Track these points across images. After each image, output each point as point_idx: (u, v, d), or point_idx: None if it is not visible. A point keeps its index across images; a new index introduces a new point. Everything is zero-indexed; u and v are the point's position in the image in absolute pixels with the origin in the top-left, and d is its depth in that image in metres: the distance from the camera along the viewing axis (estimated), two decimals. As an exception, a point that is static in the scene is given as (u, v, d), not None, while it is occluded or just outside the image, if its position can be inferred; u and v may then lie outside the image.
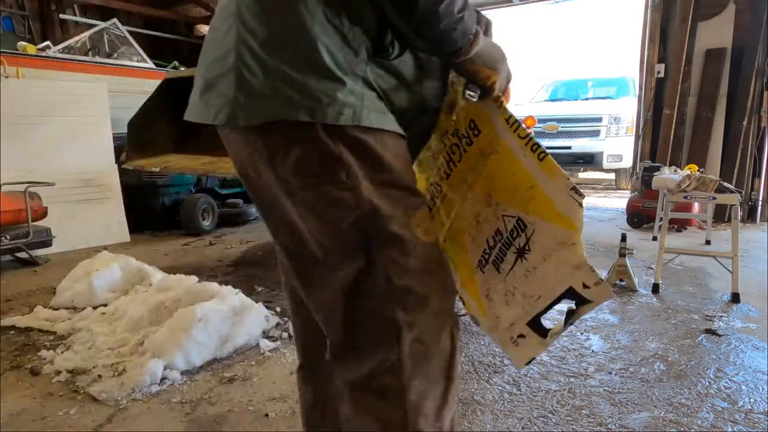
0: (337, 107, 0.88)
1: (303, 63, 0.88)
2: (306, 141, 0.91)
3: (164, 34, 11.79)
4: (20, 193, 4.00)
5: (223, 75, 0.94)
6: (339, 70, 0.89)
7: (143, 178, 5.37)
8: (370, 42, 0.93)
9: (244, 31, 0.92)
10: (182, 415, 1.97)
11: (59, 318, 2.89)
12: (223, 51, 0.95)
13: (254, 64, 0.90)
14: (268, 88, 0.89)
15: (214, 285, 2.83)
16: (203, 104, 1.00)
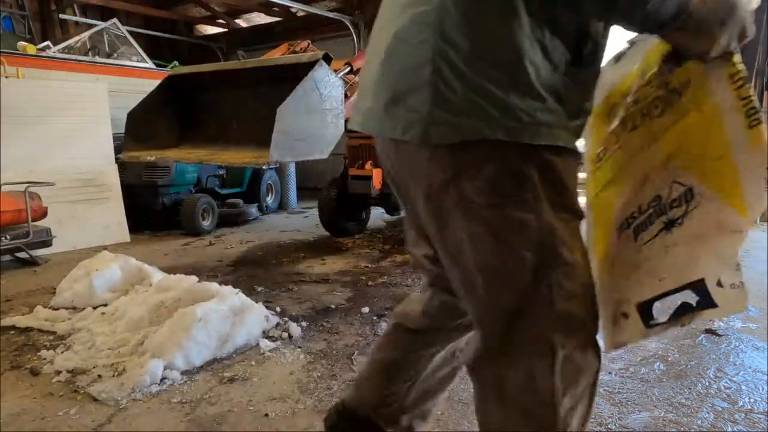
0: (535, 126, 0.86)
1: (507, 78, 0.85)
2: (500, 160, 0.88)
3: (164, 34, 11.79)
4: (20, 193, 4.00)
5: (416, 89, 0.90)
6: (541, 86, 0.86)
7: (143, 178, 5.37)
8: (568, 54, 0.89)
9: (444, 43, 0.87)
10: (182, 415, 1.97)
11: (59, 318, 2.89)
12: (415, 63, 0.91)
13: (453, 78, 0.87)
14: (466, 104, 0.86)
15: (214, 285, 2.83)
16: (389, 117, 0.96)
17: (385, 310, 3.05)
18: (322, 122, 3.02)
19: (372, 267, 4.01)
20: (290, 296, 3.35)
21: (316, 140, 3.00)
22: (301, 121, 2.88)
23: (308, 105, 2.91)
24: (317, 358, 2.44)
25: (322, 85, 2.99)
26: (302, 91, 2.86)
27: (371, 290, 3.45)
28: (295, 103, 2.82)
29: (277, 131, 2.74)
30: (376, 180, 4.37)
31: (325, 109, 3.02)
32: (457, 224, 0.95)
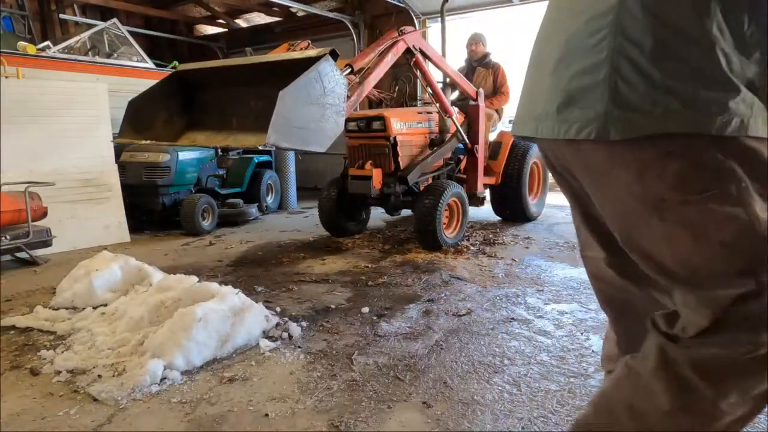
0: (726, 117, 0.82)
1: (693, 71, 0.83)
2: (689, 154, 0.86)
3: (164, 34, 11.79)
4: (20, 193, 4.00)
5: (591, 88, 0.91)
6: (734, 75, 0.83)
7: (143, 178, 5.37)
8: (764, 41, 0.85)
9: (626, 42, 0.88)
10: (182, 415, 1.97)
11: (59, 318, 2.89)
12: (591, 64, 0.91)
13: (634, 75, 0.86)
14: (647, 100, 0.85)
15: (214, 285, 2.83)
16: (561, 120, 0.96)
17: (385, 310, 3.05)
18: (323, 116, 3.01)
19: (372, 267, 4.01)
20: (290, 296, 3.35)
21: (315, 132, 3.00)
22: (302, 110, 2.88)
23: (311, 95, 2.92)
24: (317, 358, 2.44)
25: (327, 79, 2.99)
26: (306, 80, 2.86)
27: (371, 290, 3.45)
28: (298, 90, 2.83)
29: (276, 114, 2.73)
30: (376, 180, 4.35)
31: (326, 103, 3.02)
32: (649, 222, 0.93)
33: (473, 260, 4.18)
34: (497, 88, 5.61)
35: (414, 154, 4.69)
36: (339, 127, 3.16)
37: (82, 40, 6.85)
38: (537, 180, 6.08)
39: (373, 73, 3.75)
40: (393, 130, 4.43)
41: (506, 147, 5.54)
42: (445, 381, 2.20)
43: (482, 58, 5.64)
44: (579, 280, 3.61)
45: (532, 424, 1.87)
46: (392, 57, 3.94)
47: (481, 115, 5.04)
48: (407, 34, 4.01)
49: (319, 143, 3.04)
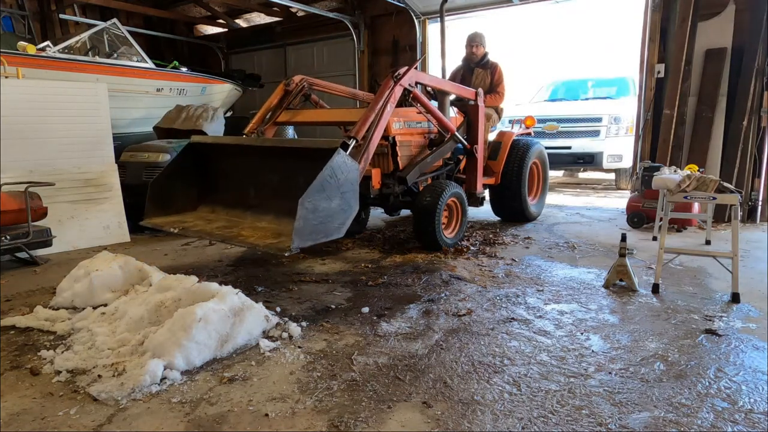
0: None
1: None
2: None
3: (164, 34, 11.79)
4: (20, 193, 4.00)
5: None
6: None
7: (143, 178, 5.37)
8: None
9: None
10: (182, 415, 1.97)
11: (59, 318, 2.89)
12: None
13: None
14: None
15: (214, 285, 2.83)
16: None
17: (385, 310, 3.05)
18: (339, 205, 3.15)
19: (372, 267, 4.01)
20: (290, 296, 3.35)
21: (333, 222, 3.14)
22: (321, 208, 3.03)
23: (327, 192, 3.05)
24: (317, 358, 2.44)
25: (340, 171, 3.13)
26: (322, 179, 3.00)
27: (371, 290, 3.45)
28: (315, 192, 2.97)
29: (299, 220, 2.89)
30: (375, 180, 4.28)
31: (342, 193, 3.15)
32: None
33: (473, 260, 4.17)
34: (493, 86, 5.55)
35: (413, 154, 4.65)
36: (355, 209, 3.29)
37: (82, 40, 6.85)
38: (537, 180, 6.02)
39: (377, 131, 3.71)
40: (392, 129, 4.37)
41: (506, 147, 5.49)
42: (445, 381, 2.20)
43: (481, 59, 5.60)
44: (579, 280, 3.61)
45: (532, 424, 1.87)
46: (391, 107, 3.87)
47: (481, 116, 5.00)
48: (402, 77, 3.91)
49: (338, 231, 3.20)
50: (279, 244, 3.11)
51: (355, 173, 3.26)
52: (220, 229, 3.60)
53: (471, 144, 4.92)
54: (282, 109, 4.55)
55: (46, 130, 4.71)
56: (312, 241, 3.01)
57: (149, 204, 3.84)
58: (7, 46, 6.02)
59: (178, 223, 3.74)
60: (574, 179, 10.76)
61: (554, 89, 9.66)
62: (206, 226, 3.69)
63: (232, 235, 3.43)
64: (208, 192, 4.08)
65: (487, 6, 7.96)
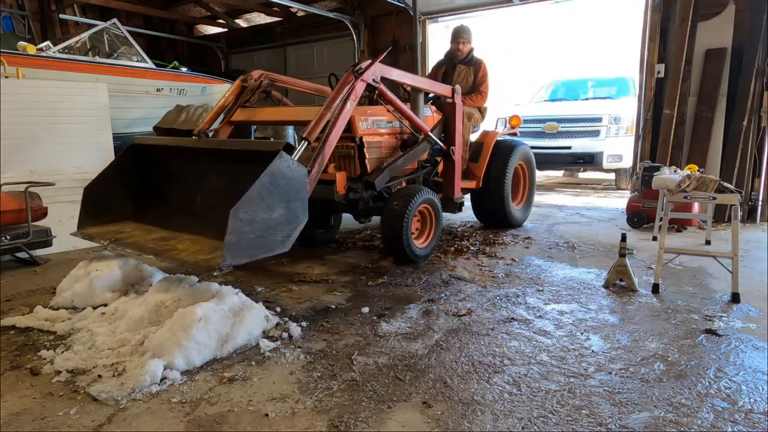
0: None
1: None
2: None
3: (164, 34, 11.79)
4: (20, 193, 4.00)
5: None
6: None
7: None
8: None
9: None
10: (182, 415, 1.97)
11: (59, 318, 2.89)
12: None
13: None
14: None
15: (214, 285, 2.83)
16: None
17: (385, 310, 3.05)
18: (283, 215, 2.80)
19: (372, 267, 4.00)
20: (290, 296, 3.35)
21: (275, 234, 2.77)
22: (259, 220, 2.66)
23: (266, 201, 2.69)
24: (317, 358, 2.44)
25: (282, 177, 2.77)
26: (259, 188, 2.64)
27: (371, 290, 3.45)
28: (251, 202, 2.61)
29: (231, 234, 2.53)
30: (340, 184, 3.90)
31: (286, 202, 2.80)
32: None
33: (473, 260, 4.17)
34: (476, 85, 5.19)
35: (383, 156, 4.25)
36: (303, 219, 2.94)
37: (82, 40, 6.85)
38: (523, 184, 5.67)
39: (333, 132, 3.36)
40: (358, 130, 4.00)
41: (488, 148, 5.13)
42: (445, 381, 2.20)
43: (466, 56, 5.24)
44: (579, 280, 3.61)
45: (532, 424, 1.87)
46: (352, 104, 3.52)
47: (458, 114, 4.59)
48: (364, 71, 3.55)
49: (283, 245, 2.82)
50: (211, 260, 2.71)
51: (302, 179, 2.91)
52: (155, 241, 3.20)
53: (448, 145, 4.53)
54: (237, 107, 4.18)
55: (46, 130, 4.71)
56: (249, 257, 2.68)
57: (83, 212, 3.46)
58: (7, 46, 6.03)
59: (113, 234, 3.35)
60: (574, 179, 10.76)
61: (554, 89, 9.66)
62: (142, 238, 3.28)
63: (165, 248, 3.04)
64: (154, 198, 3.68)
65: (487, 6, 7.96)
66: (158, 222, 3.49)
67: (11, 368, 2.37)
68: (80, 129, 4.97)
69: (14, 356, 2.50)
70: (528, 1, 7.72)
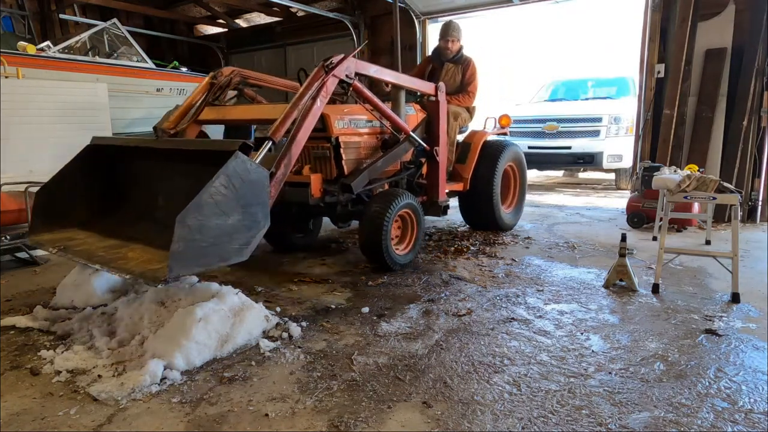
0: None
1: None
2: None
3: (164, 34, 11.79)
4: (20, 193, 4.00)
5: None
6: None
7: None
8: None
9: None
10: (182, 415, 1.97)
11: (59, 318, 2.89)
12: None
13: None
14: None
15: (214, 285, 2.83)
16: None
17: (385, 310, 3.05)
18: (240, 221, 2.56)
19: (372, 267, 4.00)
20: (290, 296, 3.35)
21: (232, 242, 2.55)
22: (211, 226, 2.44)
23: (220, 206, 2.45)
24: (317, 358, 2.44)
25: (238, 179, 2.53)
26: (211, 191, 2.42)
27: (371, 290, 3.45)
28: (201, 208, 2.39)
29: (177, 242, 2.30)
30: (315, 187, 3.68)
31: (244, 206, 2.57)
32: None
33: (473, 260, 4.17)
34: (464, 85, 4.98)
35: (362, 157, 4.03)
36: (264, 225, 2.71)
37: (82, 40, 6.85)
38: (513, 186, 5.47)
39: (301, 131, 3.13)
40: (334, 129, 3.80)
41: (476, 149, 4.93)
42: (445, 381, 2.20)
43: (455, 54, 5.02)
44: (579, 280, 3.61)
45: (532, 424, 1.87)
46: (322, 101, 3.28)
47: (442, 113, 4.35)
48: (336, 66, 3.34)
49: (240, 253, 2.60)
50: (157, 271, 2.45)
51: (263, 182, 2.68)
52: (107, 249, 2.95)
53: (431, 146, 4.30)
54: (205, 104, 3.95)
55: (46, 130, 4.72)
56: (199, 266, 2.47)
57: (34, 217, 3.25)
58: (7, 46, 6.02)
59: (64, 241, 3.11)
60: (574, 179, 10.75)
61: (554, 89, 9.66)
62: (93, 246, 3.03)
63: (115, 257, 2.80)
64: (112, 202, 3.45)
65: (487, 6, 7.97)
66: (115, 227, 3.24)
67: (11, 368, 2.37)
68: (80, 129, 4.97)
69: (14, 356, 2.50)
70: (528, 1, 7.72)
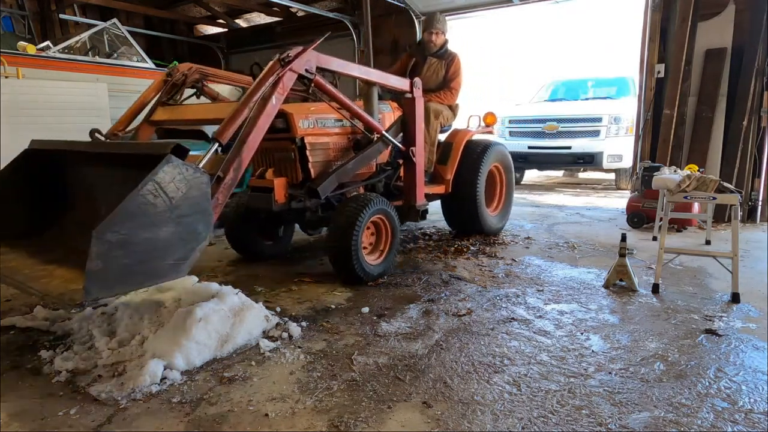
0: None
1: None
2: None
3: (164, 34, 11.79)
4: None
5: None
6: None
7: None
8: None
9: None
10: (182, 415, 1.97)
11: (59, 318, 2.89)
12: None
13: None
14: None
15: (214, 285, 2.83)
16: None
17: (385, 310, 3.05)
18: (175, 233, 2.24)
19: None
20: (290, 296, 3.35)
21: (164, 258, 2.23)
22: (139, 240, 2.13)
23: (149, 217, 2.15)
24: (317, 358, 2.44)
25: (170, 186, 2.20)
26: (137, 200, 2.11)
27: (371, 290, 3.45)
28: (124, 218, 2.09)
29: (94, 260, 2.00)
30: (279, 192, 3.41)
31: (179, 217, 2.24)
32: None
33: (473, 260, 4.17)
34: (446, 81, 4.70)
35: (331, 159, 3.75)
36: (204, 237, 2.39)
37: (82, 40, 6.85)
38: (499, 187, 5.20)
39: (253, 132, 2.79)
40: (299, 129, 3.52)
41: (458, 149, 4.65)
42: (445, 381, 2.20)
43: (439, 48, 4.72)
44: (579, 280, 3.61)
45: (532, 424, 1.87)
46: (278, 99, 2.95)
47: (419, 111, 4.01)
48: (293, 60, 3.03)
49: (176, 270, 2.28)
50: (74, 293, 2.14)
51: (202, 189, 2.34)
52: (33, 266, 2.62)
53: (407, 146, 3.98)
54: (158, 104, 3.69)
55: (46, 130, 4.71)
56: (125, 287, 2.18)
57: None
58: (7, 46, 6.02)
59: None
60: (574, 179, 10.76)
61: (554, 89, 9.67)
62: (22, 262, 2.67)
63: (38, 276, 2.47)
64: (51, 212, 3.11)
65: (487, 6, 7.96)
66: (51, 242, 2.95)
67: (11, 368, 2.37)
68: (80, 129, 4.96)
69: (14, 356, 2.50)
70: (528, 1, 7.72)
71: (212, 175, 2.53)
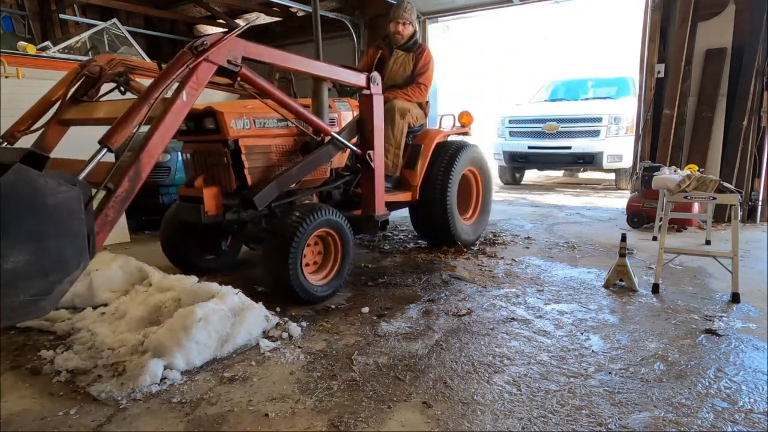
0: None
1: None
2: None
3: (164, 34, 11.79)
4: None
5: None
6: None
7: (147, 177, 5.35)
8: None
9: None
10: (182, 415, 1.97)
11: (59, 318, 2.89)
12: None
13: None
14: None
15: (214, 285, 2.83)
16: None
17: (385, 310, 3.05)
18: (30, 262, 1.72)
19: (372, 267, 4.00)
20: (290, 296, 3.35)
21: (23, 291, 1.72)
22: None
23: None
24: (317, 358, 2.44)
25: (20, 202, 1.68)
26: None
27: (371, 290, 3.45)
28: None
29: None
30: (210, 203, 3.07)
31: (36, 240, 1.72)
32: None
33: (473, 260, 4.17)
34: (414, 76, 4.27)
35: (273, 164, 3.32)
36: (75, 264, 1.85)
37: (82, 40, 6.86)
38: (475, 194, 4.75)
39: (156, 135, 2.29)
40: (231, 131, 3.10)
41: (427, 151, 4.21)
42: (445, 381, 2.20)
43: (407, 40, 4.34)
44: (579, 280, 3.61)
45: (532, 424, 1.87)
46: (191, 95, 2.42)
47: (377, 109, 3.53)
48: (210, 49, 2.47)
49: (37, 307, 1.76)
50: None
51: (71, 205, 1.81)
52: None
53: (364, 149, 3.51)
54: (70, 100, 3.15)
55: (46, 130, 4.71)
56: None
57: None
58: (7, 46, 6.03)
59: None
60: (574, 179, 10.76)
61: (554, 89, 9.67)
62: None
63: None
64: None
65: (487, 6, 7.96)
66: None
67: (11, 368, 2.37)
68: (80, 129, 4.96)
69: (14, 356, 2.50)
70: (528, 1, 7.71)
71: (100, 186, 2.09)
